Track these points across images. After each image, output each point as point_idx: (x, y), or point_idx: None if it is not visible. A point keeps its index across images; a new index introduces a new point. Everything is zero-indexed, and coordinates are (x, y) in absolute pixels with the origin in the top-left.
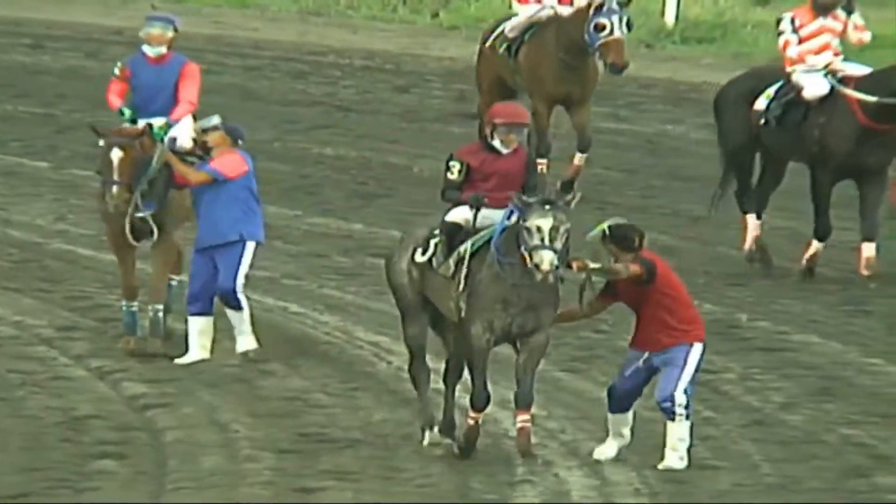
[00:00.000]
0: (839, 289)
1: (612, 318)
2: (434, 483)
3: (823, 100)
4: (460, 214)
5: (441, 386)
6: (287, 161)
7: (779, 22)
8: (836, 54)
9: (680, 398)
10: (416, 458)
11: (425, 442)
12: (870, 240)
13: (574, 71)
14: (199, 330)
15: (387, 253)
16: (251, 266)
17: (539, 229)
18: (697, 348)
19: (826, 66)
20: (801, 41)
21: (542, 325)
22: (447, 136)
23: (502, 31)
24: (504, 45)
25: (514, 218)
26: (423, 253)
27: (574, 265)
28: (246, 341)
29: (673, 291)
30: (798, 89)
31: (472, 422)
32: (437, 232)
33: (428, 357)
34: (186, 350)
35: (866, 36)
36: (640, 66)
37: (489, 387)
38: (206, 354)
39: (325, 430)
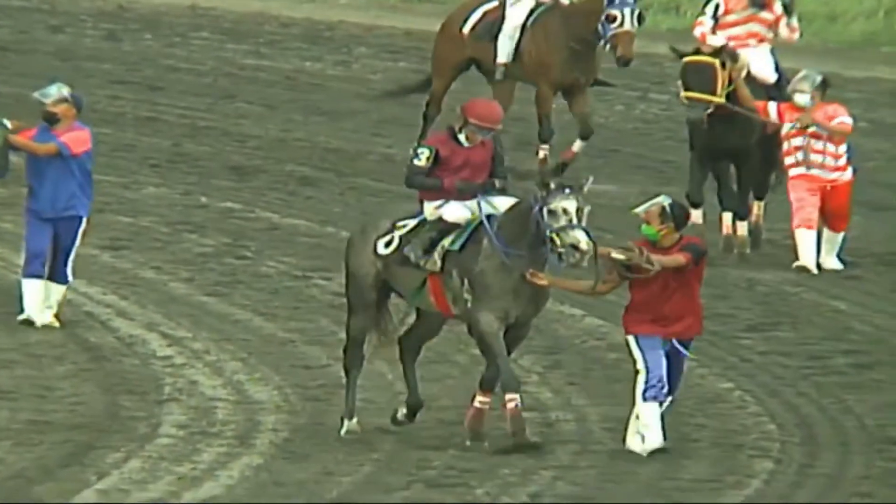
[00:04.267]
0: None
1: (256, 244)
2: (85, 402)
3: None
4: (458, 214)
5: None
6: None
7: (706, 3)
8: (760, 40)
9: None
10: (69, 378)
11: (343, 431)
12: (741, 218)
13: (582, 59)
14: (31, 291)
15: (348, 240)
16: None
17: (566, 211)
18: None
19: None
20: (725, 27)
21: (537, 313)
22: (100, 72)
23: (483, 17)
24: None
25: (500, 208)
26: (387, 245)
27: (600, 251)
28: (48, 316)
29: (701, 274)
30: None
31: (511, 405)
32: (402, 224)
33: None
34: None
35: (795, 36)
36: (280, 6)
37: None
38: (39, 316)
39: None
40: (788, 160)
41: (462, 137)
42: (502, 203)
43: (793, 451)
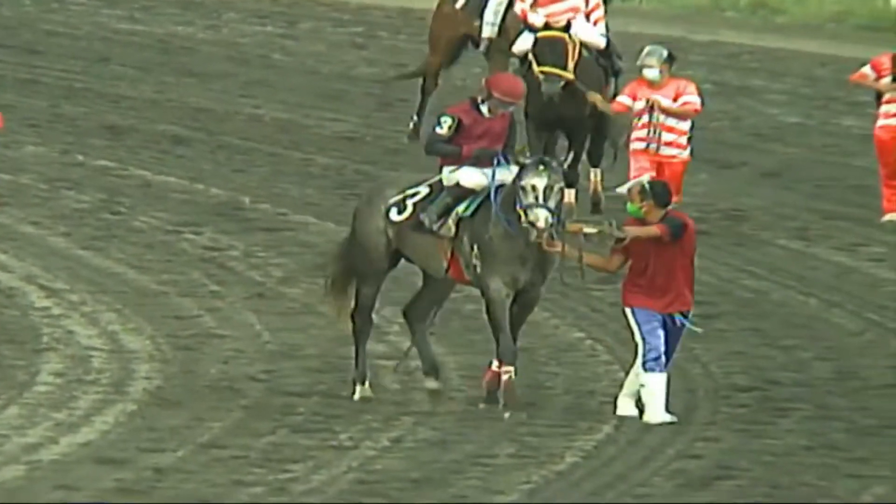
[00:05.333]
0: (333, 174)
1: (130, 200)
2: None
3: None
4: (474, 179)
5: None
6: None
7: None
8: (577, 13)
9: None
10: None
11: (356, 396)
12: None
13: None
14: None
15: (354, 210)
16: None
17: (534, 188)
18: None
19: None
20: (544, 3)
21: (544, 280)
22: None
23: None
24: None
25: (507, 177)
26: (400, 212)
27: (568, 227)
28: None
29: (692, 251)
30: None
31: (505, 376)
32: (413, 191)
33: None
34: None
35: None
36: None
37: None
38: None
39: None
40: (637, 133)
41: (484, 109)
42: (511, 174)
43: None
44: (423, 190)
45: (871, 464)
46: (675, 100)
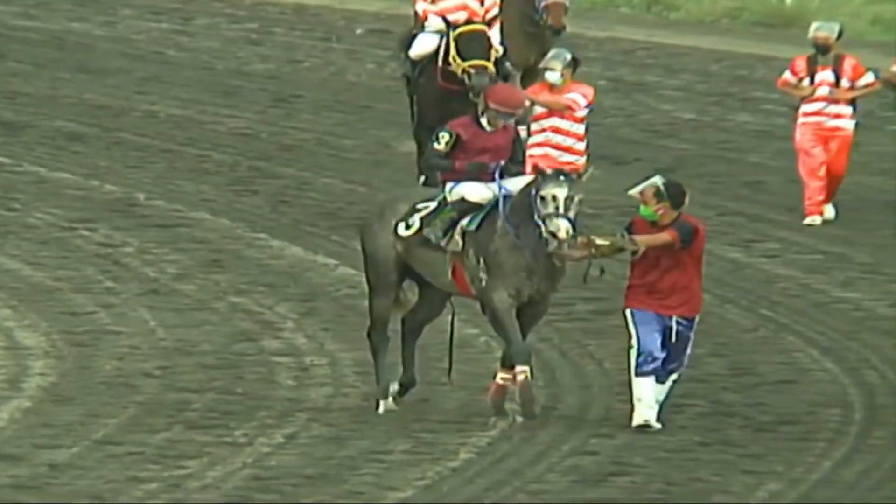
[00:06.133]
0: (228, 170)
1: (25, 197)
2: None
3: (428, 59)
4: (479, 194)
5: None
6: None
7: None
8: (471, 14)
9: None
10: None
11: (381, 410)
12: None
13: (535, 41)
14: None
15: (362, 224)
16: None
17: (554, 198)
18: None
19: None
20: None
21: (554, 290)
22: None
23: None
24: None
25: (518, 188)
26: (407, 227)
27: (579, 240)
28: None
29: (700, 254)
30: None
31: (521, 377)
32: (422, 206)
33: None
34: None
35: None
36: None
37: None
38: None
39: None
40: (536, 139)
41: (484, 122)
42: (520, 184)
43: (536, 393)
44: (432, 206)
45: (766, 460)
46: None
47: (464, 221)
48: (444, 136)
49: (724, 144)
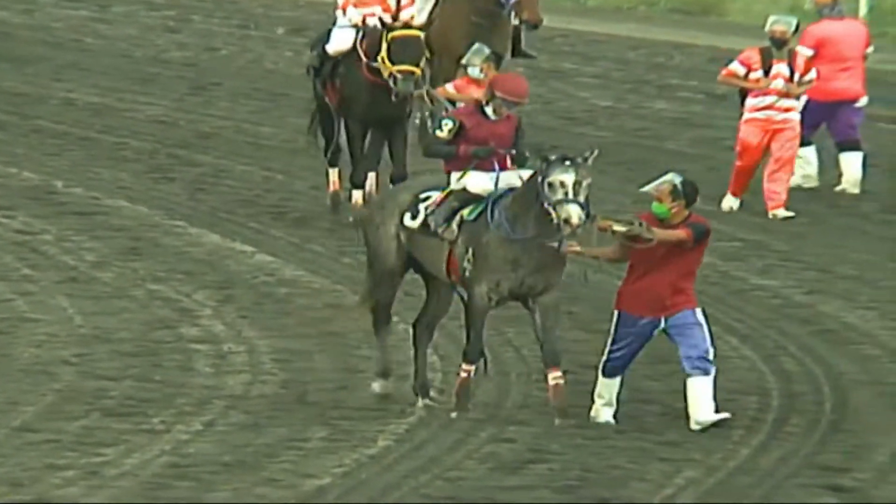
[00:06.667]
0: (146, 158)
1: None
2: None
3: (347, 54)
4: (481, 184)
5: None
6: None
7: None
8: (385, 10)
9: (711, 352)
10: None
11: (377, 389)
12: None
13: (487, 32)
14: None
15: (363, 217)
16: None
17: (563, 184)
18: (699, 311)
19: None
20: None
21: (551, 285)
22: None
23: None
24: None
25: (514, 181)
26: (413, 217)
27: (601, 224)
28: None
29: (701, 256)
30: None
31: (464, 374)
32: (428, 195)
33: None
34: None
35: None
36: None
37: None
38: None
39: None
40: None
41: (489, 111)
42: (523, 175)
43: (454, 381)
44: (437, 195)
45: (683, 447)
46: None
47: (465, 211)
48: (448, 124)
49: (642, 132)
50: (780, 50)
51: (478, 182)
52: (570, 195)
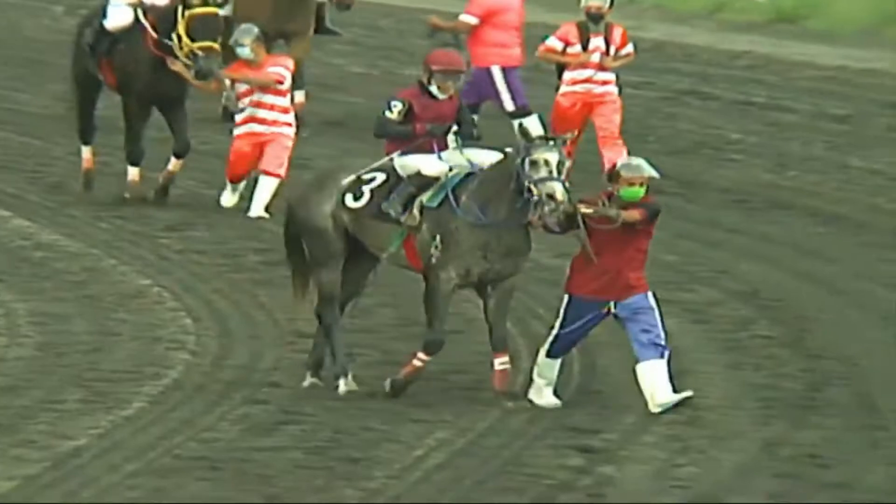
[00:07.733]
0: None
1: None
2: None
3: (128, 30)
4: (435, 168)
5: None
6: None
7: None
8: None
9: (663, 335)
10: None
11: (341, 390)
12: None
13: (291, 7)
14: None
15: (294, 198)
16: None
17: (547, 162)
18: (650, 295)
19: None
20: None
21: (518, 270)
22: None
23: None
24: None
25: (460, 162)
26: (356, 199)
27: (565, 207)
28: None
29: (650, 237)
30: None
31: (418, 363)
32: (369, 177)
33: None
34: None
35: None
36: None
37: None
38: None
39: None
40: (240, 116)
41: (434, 90)
42: (480, 156)
43: (208, 343)
44: (380, 176)
45: (435, 409)
46: None
47: (424, 197)
48: (397, 106)
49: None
50: (596, 24)
51: (432, 165)
52: (555, 173)
